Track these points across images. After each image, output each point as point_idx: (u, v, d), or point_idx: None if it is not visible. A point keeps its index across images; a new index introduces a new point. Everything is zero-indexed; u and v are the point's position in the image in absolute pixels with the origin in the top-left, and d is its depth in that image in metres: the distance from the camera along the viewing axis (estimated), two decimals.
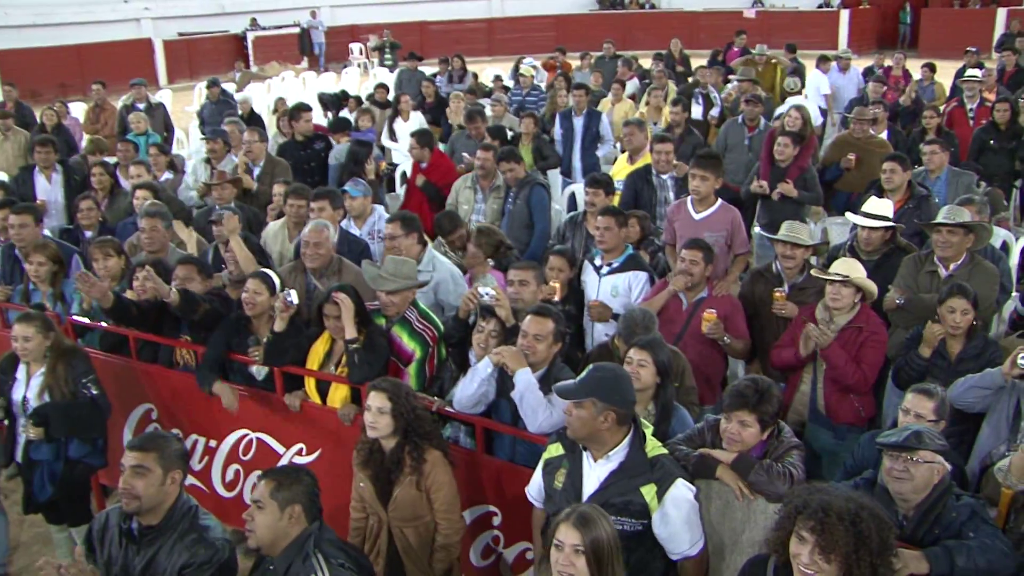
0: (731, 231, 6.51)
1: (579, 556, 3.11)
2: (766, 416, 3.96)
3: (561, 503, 3.84)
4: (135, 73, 16.22)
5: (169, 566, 3.56)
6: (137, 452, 3.63)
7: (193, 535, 3.61)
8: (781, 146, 7.91)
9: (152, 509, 3.62)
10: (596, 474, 3.81)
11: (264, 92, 18.12)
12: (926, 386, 4.31)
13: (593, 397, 3.69)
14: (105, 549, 3.76)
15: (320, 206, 6.70)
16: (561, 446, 3.97)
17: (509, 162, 7.71)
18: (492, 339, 4.84)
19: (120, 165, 9.57)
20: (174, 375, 5.84)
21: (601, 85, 13.53)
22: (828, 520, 2.97)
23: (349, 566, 3.46)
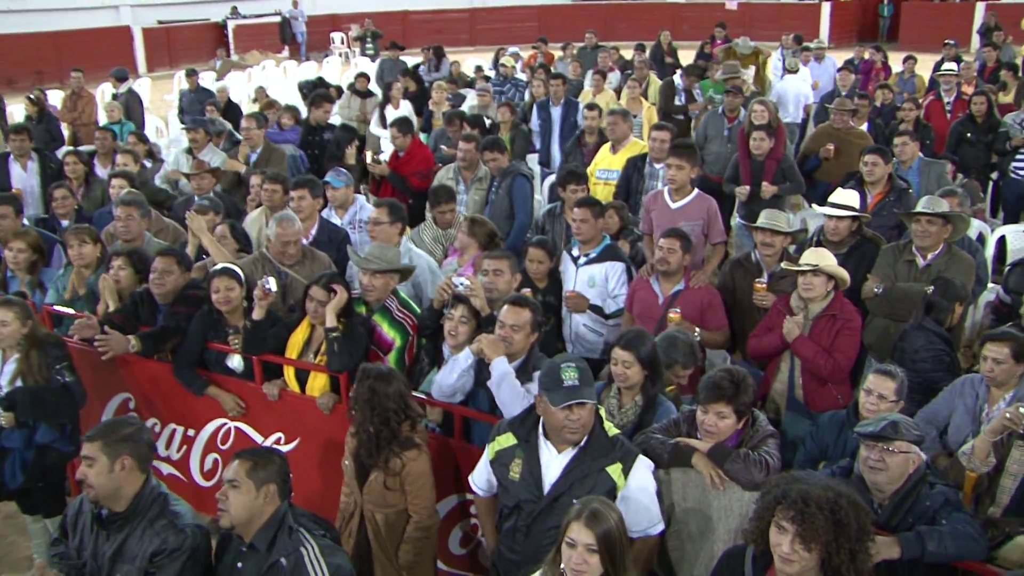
0: (707, 220, 6.54)
1: (592, 555, 3.13)
2: (742, 407, 3.99)
3: (521, 495, 3.87)
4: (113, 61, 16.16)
5: (139, 552, 3.56)
6: (86, 443, 3.64)
7: (163, 521, 3.60)
8: (757, 140, 8.04)
9: (112, 496, 3.61)
10: (558, 462, 3.81)
11: (244, 81, 18.04)
12: (887, 367, 4.37)
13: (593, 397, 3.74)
14: (77, 534, 3.77)
15: (300, 194, 6.67)
16: (512, 436, 3.95)
17: (492, 151, 7.72)
18: (462, 326, 4.85)
19: (98, 153, 9.52)
20: (152, 364, 5.79)
21: (581, 75, 13.53)
22: (808, 510, 2.99)
23: (329, 537, 3.58)
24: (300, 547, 3.42)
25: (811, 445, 4.51)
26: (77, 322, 5.60)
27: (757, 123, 8.22)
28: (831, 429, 4.43)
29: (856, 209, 6.15)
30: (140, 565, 3.55)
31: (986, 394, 4.65)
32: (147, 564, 3.54)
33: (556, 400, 3.68)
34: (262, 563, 3.40)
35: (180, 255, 5.82)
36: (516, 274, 5.49)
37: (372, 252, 5.45)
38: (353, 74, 13.74)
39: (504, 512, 4.02)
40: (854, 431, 3.90)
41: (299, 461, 5.27)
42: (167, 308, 5.65)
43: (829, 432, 4.44)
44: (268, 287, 5.20)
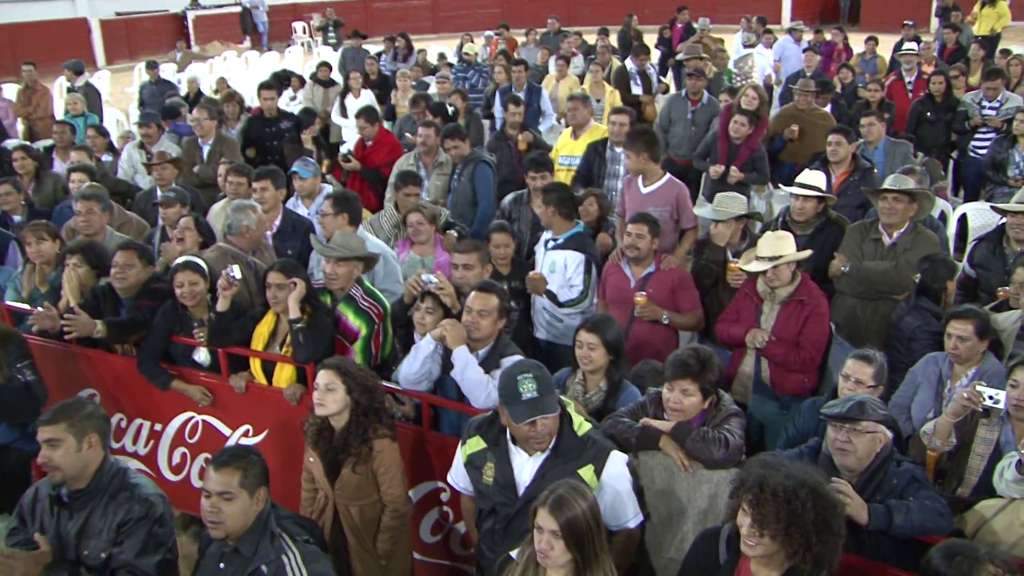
0: (676, 206, 6.54)
1: (557, 539, 3.13)
2: (707, 384, 4.02)
3: (496, 498, 3.85)
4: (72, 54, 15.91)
5: (105, 526, 3.63)
6: (47, 426, 3.65)
7: (125, 493, 3.67)
8: (737, 124, 8.10)
9: (79, 475, 3.67)
10: (530, 465, 3.78)
11: (206, 72, 17.83)
12: (865, 352, 4.37)
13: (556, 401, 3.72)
14: (36, 520, 3.78)
15: (263, 185, 6.62)
16: (481, 440, 3.92)
17: (454, 139, 7.68)
18: (428, 315, 4.84)
19: (57, 147, 9.38)
20: (115, 359, 5.75)
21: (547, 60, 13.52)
22: (762, 496, 3.02)
23: (312, 541, 3.52)
24: (282, 554, 3.37)
25: (792, 431, 4.51)
26: (37, 312, 5.53)
27: (744, 107, 8.26)
28: (811, 415, 4.41)
29: (823, 190, 6.19)
30: (107, 537, 3.63)
31: (949, 371, 4.71)
32: (114, 535, 3.60)
33: (517, 416, 3.64)
34: (244, 568, 3.37)
35: (141, 249, 5.75)
36: (487, 266, 5.46)
37: (335, 240, 5.42)
38: (316, 64, 13.63)
39: (482, 513, 4.00)
40: (820, 413, 3.92)
41: (267, 453, 5.16)
42: (130, 302, 5.59)
43: (810, 418, 4.43)
44: (232, 276, 5.15)
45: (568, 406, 3.86)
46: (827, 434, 3.80)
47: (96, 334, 5.40)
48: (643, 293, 5.55)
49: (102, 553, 3.62)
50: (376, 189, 8.42)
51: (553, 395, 3.70)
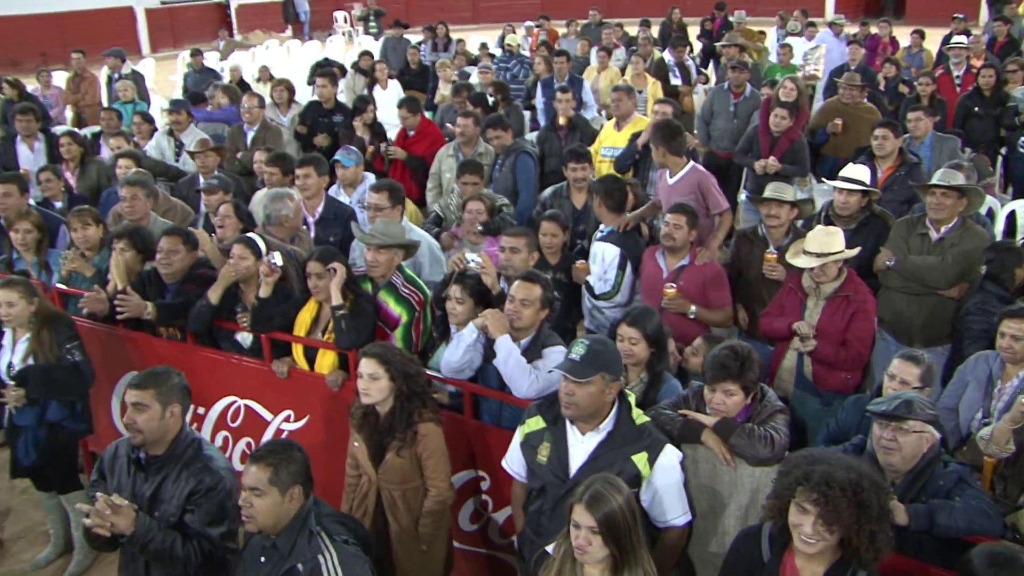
0: (700, 192, 6.44)
1: (595, 535, 3.12)
2: (749, 383, 3.97)
3: (547, 478, 3.86)
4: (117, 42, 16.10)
5: (176, 492, 3.74)
6: (136, 390, 3.77)
7: (198, 464, 3.78)
8: (778, 117, 8.04)
9: (157, 441, 3.79)
10: (584, 447, 3.79)
11: (248, 61, 17.97)
12: (913, 352, 4.31)
13: (603, 372, 3.69)
14: (115, 477, 3.90)
15: (305, 172, 6.66)
16: (541, 419, 3.94)
17: (496, 129, 7.69)
18: (458, 305, 4.85)
19: (104, 134, 9.51)
20: (160, 343, 5.81)
21: (588, 52, 13.48)
22: (831, 492, 2.98)
23: (352, 541, 3.48)
24: (319, 554, 3.36)
25: (834, 427, 4.47)
26: (87, 295, 5.63)
27: (783, 100, 8.19)
28: (855, 412, 4.36)
29: (867, 184, 6.11)
30: (178, 504, 3.73)
31: (1000, 370, 4.60)
32: (184, 503, 3.71)
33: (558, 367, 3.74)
34: (281, 565, 3.39)
35: (186, 234, 5.80)
36: (533, 253, 5.46)
37: (376, 228, 5.45)
38: (356, 53, 13.69)
39: (531, 494, 4.01)
40: (866, 410, 3.87)
41: (308, 438, 5.29)
42: (175, 287, 5.65)
43: (853, 415, 4.38)
44: (274, 263, 5.18)
45: (629, 396, 3.87)
46: (872, 431, 3.75)
47: (146, 315, 5.47)
48: (673, 285, 5.52)
49: (171, 518, 3.73)
50: (417, 177, 8.42)
51: (591, 369, 3.66)
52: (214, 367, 5.67)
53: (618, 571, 3.19)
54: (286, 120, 9.93)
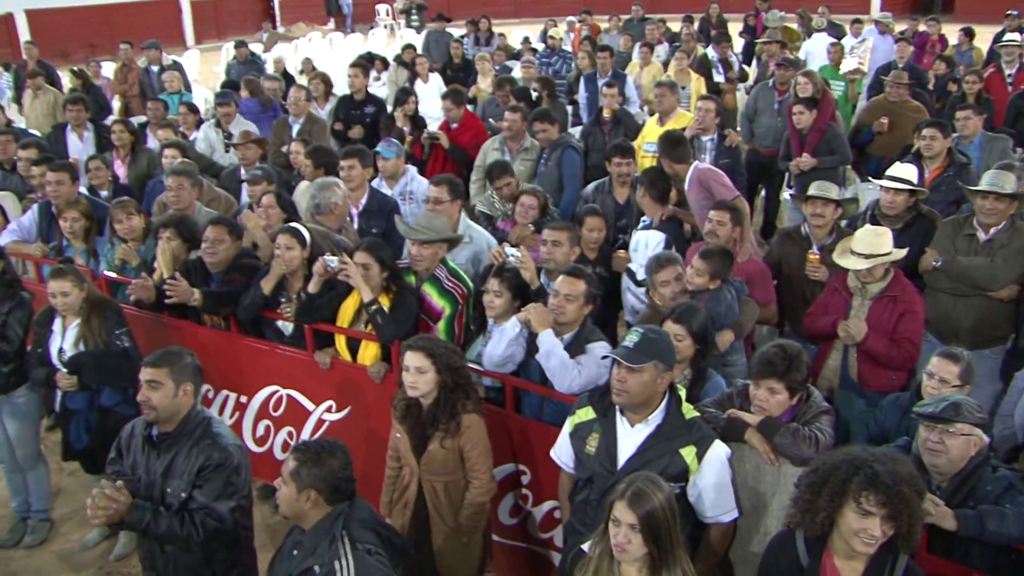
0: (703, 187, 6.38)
1: (635, 533, 3.11)
2: (795, 383, 3.94)
3: (595, 468, 3.85)
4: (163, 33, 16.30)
5: (187, 468, 3.86)
6: (151, 368, 3.90)
7: (207, 441, 3.90)
8: (797, 114, 8.04)
9: (169, 418, 3.92)
10: (633, 439, 3.78)
11: (291, 53, 18.09)
12: (952, 350, 4.25)
13: (656, 360, 3.68)
14: (130, 455, 4.04)
15: (350, 164, 6.69)
16: (592, 410, 3.94)
17: (543, 123, 7.70)
18: (496, 298, 4.84)
19: (150, 124, 9.63)
20: (204, 331, 5.88)
21: (631, 48, 13.42)
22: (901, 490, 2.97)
23: (377, 550, 3.40)
24: (336, 560, 3.32)
25: (873, 428, 4.42)
26: (135, 282, 5.72)
27: (800, 95, 8.15)
28: (894, 412, 4.32)
29: (914, 183, 6.03)
30: (188, 479, 3.85)
31: None
32: (193, 477, 3.83)
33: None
34: (302, 563, 3.41)
35: (231, 224, 5.85)
36: (575, 248, 5.44)
37: (420, 222, 5.45)
38: (398, 46, 13.73)
39: (578, 484, 4.01)
40: (912, 412, 3.83)
41: (349, 430, 5.35)
42: (220, 276, 5.70)
43: (891, 415, 4.34)
44: (331, 266, 5.19)
45: (679, 390, 3.86)
46: (918, 433, 3.71)
47: (193, 302, 5.53)
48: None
49: (182, 493, 3.84)
50: (459, 169, 8.44)
51: (645, 357, 3.66)
52: (257, 356, 5.72)
53: (656, 571, 3.18)
54: (324, 113, 9.99)
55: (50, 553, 5.74)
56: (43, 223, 6.89)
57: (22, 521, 5.89)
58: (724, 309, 4.98)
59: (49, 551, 5.76)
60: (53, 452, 5.95)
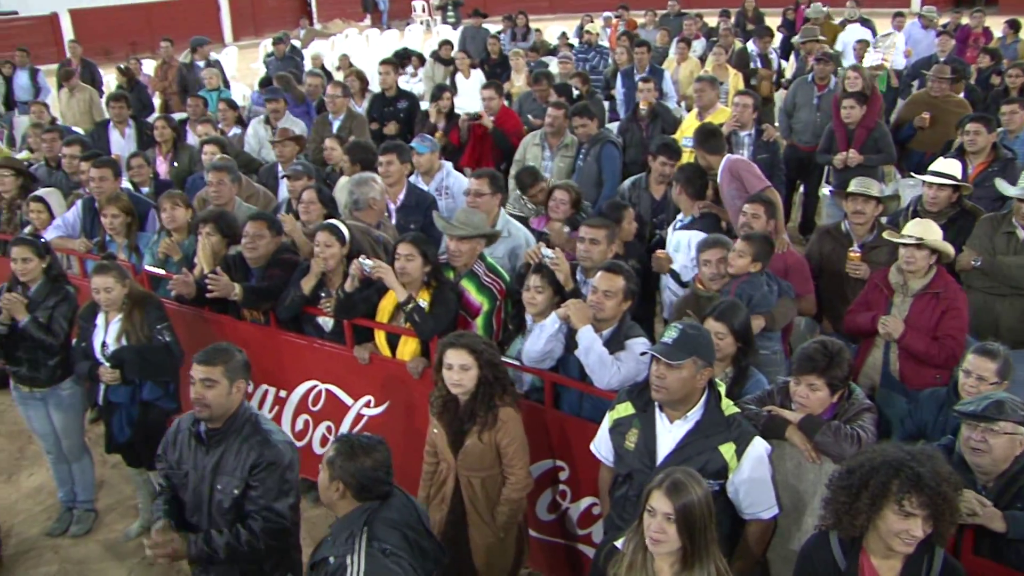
0: (734, 177, 6.33)
1: (671, 524, 3.10)
2: (836, 380, 3.90)
3: (634, 464, 3.85)
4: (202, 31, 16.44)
5: (238, 465, 3.87)
6: (205, 366, 3.90)
7: (258, 438, 3.90)
8: (847, 108, 7.92)
9: (221, 416, 3.94)
10: (672, 435, 3.78)
11: (328, 49, 18.19)
12: (988, 346, 4.17)
13: (695, 356, 3.67)
14: (176, 450, 4.06)
15: (388, 159, 6.71)
16: (631, 405, 3.93)
17: (582, 118, 7.68)
18: (538, 294, 4.83)
19: (190, 120, 9.73)
20: (244, 326, 5.93)
21: (668, 43, 13.36)
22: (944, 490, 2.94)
23: (395, 551, 3.32)
24: (348, 555, 3.30)
25: (909, 424, 4.37)
26: (176, 277, 5.77)
27: (849, 90, 8.05)
28: (931, 407, 4.28)
29: (958, 178, 5.94)
30: (240, 476, 3.86)
31: None
32: (247, 476, 3.83)
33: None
34: (327, 551, 3.43)
35: (271, 220, 5.90)
36: (612, 245, 5.42)
37: (458, 218, 5.46)
38: (435, 42, 13.76)
39: (617, 480, 4.01)
40: (954, 410, 3.78)
41: (388, 425, 5.38)
42: (259, 271, 5.75)
43: (928, 410, 4.29)
44: (366, 269, 5.19)
45: (719, 386, 3.85)
46: (961, 432, 3.66)
47: (233, 297, 5.58)
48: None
49: (234, 490, 3.85)
50: (497, 158, 8.44)
51: (684, 353, 3.65)
52: (297, 351, 5.76)
53: (689, 566, 3.16)
54: (360, 110, 10.03)
55: (95, 542, 5.84)
56: (87, 219, 6.99)
57: (68, 511, 6.01)
58: (759, 295, 4.95)
59: (94, 540, 5.86)
60: (97, 444, 6.04)
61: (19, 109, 12.93)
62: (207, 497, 3.92)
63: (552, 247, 5.23)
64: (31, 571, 5.60)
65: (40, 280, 5.52)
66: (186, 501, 4.04)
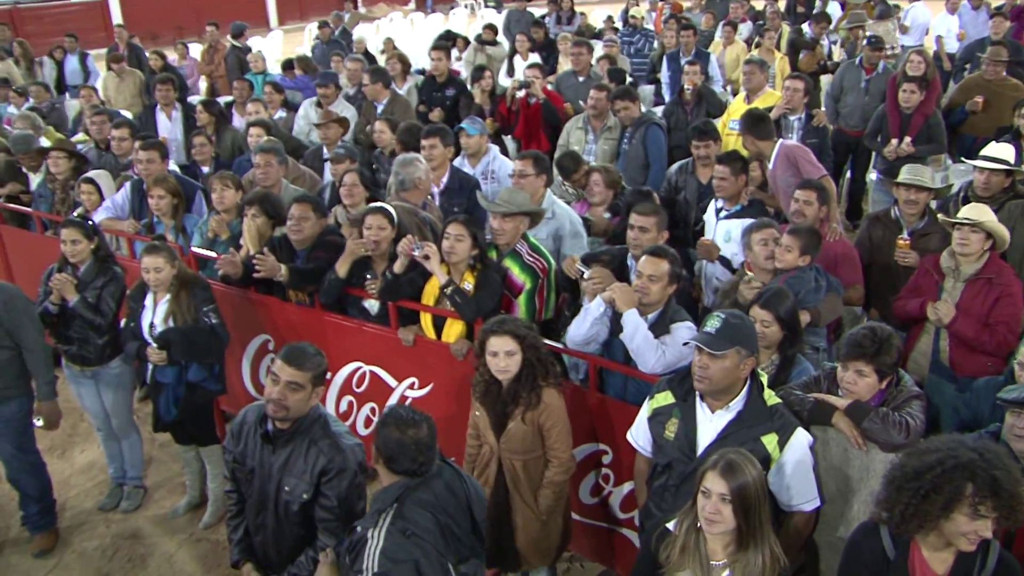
0: (790, 163, 6.24)
1: (726, 504, 3.09)
2: (884, 367, 3.84)
3: (674, 454, 3.83)
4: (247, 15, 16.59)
5: (307, 468, 3.78)
6: (295, 369, 3.77)
7: (327, 441, 3.80)
8: (907, 92, 7.74)
9: (292, 417, 3.83)
10: (713, 424, 3.75)
11: (372, 33, 18.24)
12: None
13: (738, 346, 3.64)
14: (242, 442, 3.98)
15: (431, 143, 6.72)
16: (671, 394, 3.90)
17: (624, 100, 7.63)
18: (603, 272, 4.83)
19: (236, 103, 9.82)
20: (290, 308, 5.97)
21: (713, 26, 13.22)
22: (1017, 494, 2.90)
23: (416, 532, 3.30)
24: (370, 529, 3.32)
25: (965, 413, 4.30)
26: (223, 258, 5.84)
27: (911, 74, 7.87)
28: (987, 396, 4.17)
29: (1011, 163, 5.83)
30: (310, 480, 3.77)
31: None
32: (316, 480, 3.76)
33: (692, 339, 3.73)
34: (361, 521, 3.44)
35: (316, 202, 5.93)
36: (663, 232, 5.36)
37: (502, 196, 5.46)
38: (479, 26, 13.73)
39: (656, 469, 3.99)
40: (998, 398, 3.72)
41: (431, 407, 5.34)
42: (305, 253, 5.78)
43: (986, 400, 4.18)
44: (416, 251, 5.17)
45: (762, 376, 3.81)
46: (1005, 420, 3.61)
47: (279, 278, 5.63)
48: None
49: (303, 494, 3.78)
50: (547, 130, 8.44)
51: (727, 343, 3.62)
52: (341, 333, 5.79)
53: (743, 547, 3.15)
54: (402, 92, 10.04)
55: (144, 518, 5.97)
56: (135, 200, 7.08)
57: (118, 487, 6.15)
58: (806, 290, 4.89)
59: (144, 516, 6.00)
60: (145, 423, 6.14)
61: (69, 93, 13.13)
62: (273, 497, 3.87)
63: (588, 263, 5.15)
64: (85, 543, 5.75)
65: (89, 261, 5.62)
66: (250, 499, 4.00)
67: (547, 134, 8.56)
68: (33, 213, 7.74)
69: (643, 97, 9.57)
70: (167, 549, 5.65)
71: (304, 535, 3.90)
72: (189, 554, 5.60)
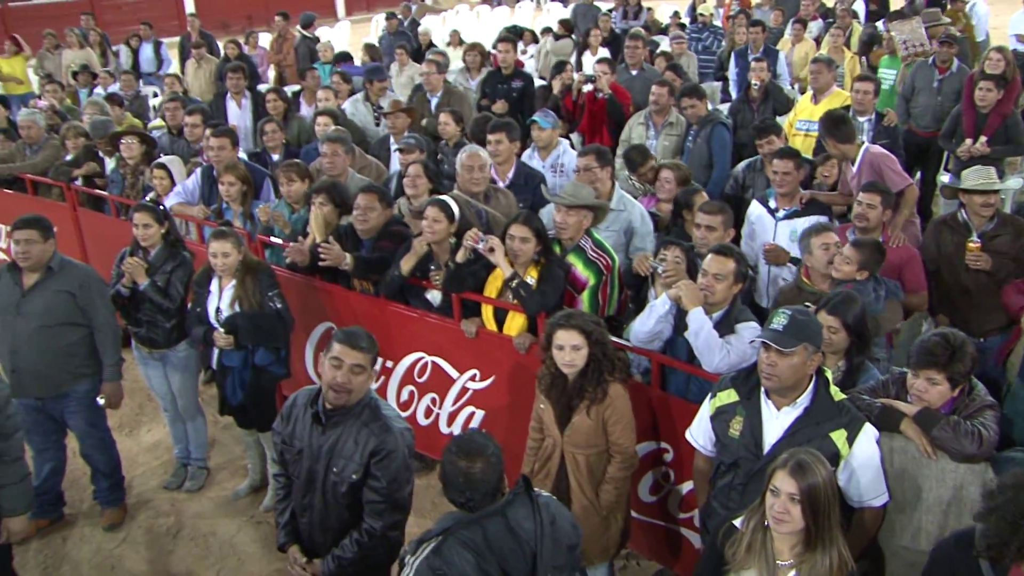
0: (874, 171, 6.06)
1: (795, 504, 3.07)
2: (957, 374, 3.74)
3: (739, 452, 3.80)
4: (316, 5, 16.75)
5: (357, 450, 3.82)
6: (359, 352, 3.83)
7: (378, 423, 3.85)
8: (983, 91, 7.54)
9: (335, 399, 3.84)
10: (780, 422, 3.72)
11: (439, 25, 18.32)
12: None
13: (805, 342, 3.61)
14: (291, 424, 4.03)
15: (497, 138, 6.71)
16: (735, 392, 3.87)
17: (691, 98, 7.57)
18: (677, 265, 4.82)
19: (304, 92, 9.93)
20: (354, 296, 6.03)
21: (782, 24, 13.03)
22: None
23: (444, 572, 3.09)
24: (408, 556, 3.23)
25: None
26: (292, 245, 5.93)
27: (989, 72, 7.67)
28: None
29: None
30: (359, 461, 3.81)
31: None
32: (366, 461, 3.80)
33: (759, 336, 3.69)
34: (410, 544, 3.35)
35: (382, 192, 5.98)
36: (729, 230, 5.32)
37: (566, 189, 5.45)
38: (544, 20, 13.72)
39: (721, 469, 3.97)
40: None
41: (492, 399, 5.43)
42: (370, 243, 5.84)
43: None
44: (480, 244, 5.19)
45: (826, 372, 3.78)
46: None
47: (344, 266, 5.69)
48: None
49: (352, 475, 3.82)
50: (611, 125, 8.41)
51: (795, 340, 3.59)
52: (404, 323, 5.84)
53: (812, 547, 3.12)
54: (474, 84, 10.06)
55: (207, 499, 6.11)
56: (205, 186, 7.22)
57: (183, 467, 6.29)
58: (865, 302, 4.76)
59: (206, 497, 6.14)
60: (210, 405, 6.27)
61: (144, 80, 13.40)
62: (321, 477, 3.90)
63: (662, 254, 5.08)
64: (151, 520, 5.91)
65: (159, 245, 5.74)
66: (297, 480, 4.02)
67: (610, 130, 8.53)
68: (108, 196, 7.93)
69: (710, 94, 9.49)
70: (228, 530, 5.77)
71: (349, 518, 3.94)
72: (249, 536, 5.71)
